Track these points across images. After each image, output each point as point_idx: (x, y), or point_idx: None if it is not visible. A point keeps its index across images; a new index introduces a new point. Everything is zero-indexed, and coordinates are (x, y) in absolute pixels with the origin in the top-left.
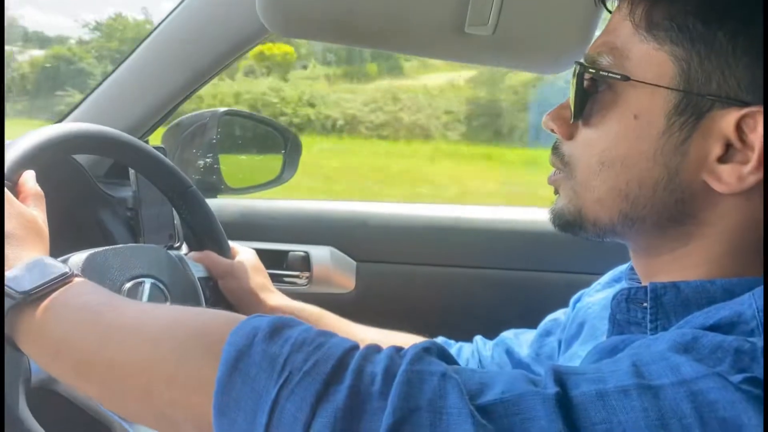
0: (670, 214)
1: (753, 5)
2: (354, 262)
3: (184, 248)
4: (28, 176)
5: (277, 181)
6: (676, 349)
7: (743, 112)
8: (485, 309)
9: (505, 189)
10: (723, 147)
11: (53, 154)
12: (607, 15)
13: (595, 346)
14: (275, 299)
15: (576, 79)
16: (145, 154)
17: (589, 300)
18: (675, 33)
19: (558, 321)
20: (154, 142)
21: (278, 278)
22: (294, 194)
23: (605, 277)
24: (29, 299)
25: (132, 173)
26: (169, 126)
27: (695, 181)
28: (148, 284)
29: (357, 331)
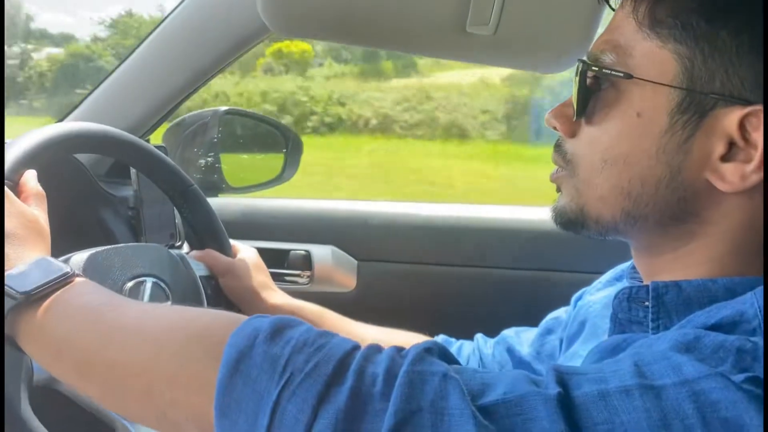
0: (672, 213)
1: (757, 3)
2: (355, 261)
3: (186, 247)
4: (30, 176)
5: (278, 180)
6: (678, 348)
7: (747, 110)
8: (486, 308)
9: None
10: (726, 145)
11: (54, 154)
12: (609, 13)
13: (597, 345)
14: (276, 298)
15: (579, 77)
16: (146, 153)
17: (590, 298)
18: (678, 31)
19: (559, 319)
20: (156, 141)
21: (279, 277)
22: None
23: (606, 275)
24: (30, 299)
25: (133, 172)
26: (170, 125)
27: (698, 179)
28: (149, 283)
29: (358, 329)
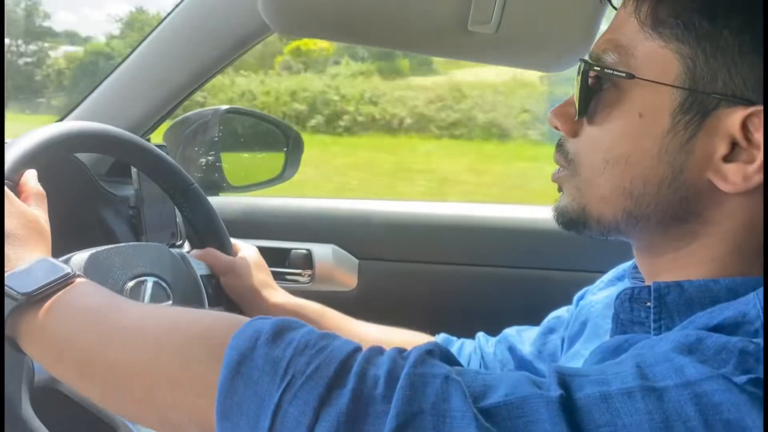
0: (674, 213)
1: (759, 3)
2: (356, 260)
3: (187, 246)
4: (30, 175)
5: (279, 178)
6: (680, 350)
7: (749, 110)
8: (488, 307)
9: None
10: (728, 146)
11: (55, 153)
12: (611, 12)
13: (599, 346)
14: (277, 296)
15: (580, 76)
16: (146, 151)
17: (592, 298)
18: (681, 30)
19: (561, 318)
20: (157, 140)
21: (280, 276)
22: None
23: (608, 274)
24: (31, 300)
25: (134, 171)
26: (171, 124)
27: (700, 179)
28: (150, 283)
29: (359, 328)
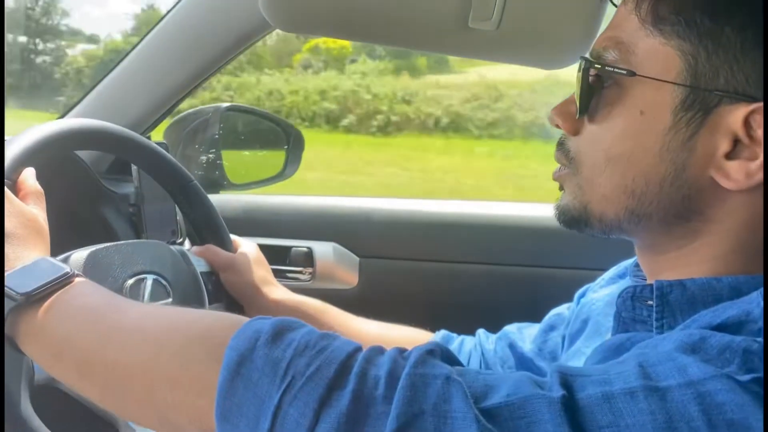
0: (676, 211)
1: (760, 0)
2: (357, 258)
3: (187, 244)
4: (28, 174)
5: (279, 176)
6: (684, 349)
7: (751, 107)
8: (489, 305)
9: None
10: (731, 143)
11: (54, 151)
12: (612, 9)
13: (601, 344)
14: (277, 293)
15: (581, 74)
16: (145, 148)
17: (593, 296)
18: (682, 27)
19: (562, 316)
20: (157, 138)
21: (281, 274)
22: None
23: (609, 272)
24: (31, 300)
25: (134, 169)
26: (171, 122)
27: (702, 177)
28: (150, 280)
29: (359, 325)
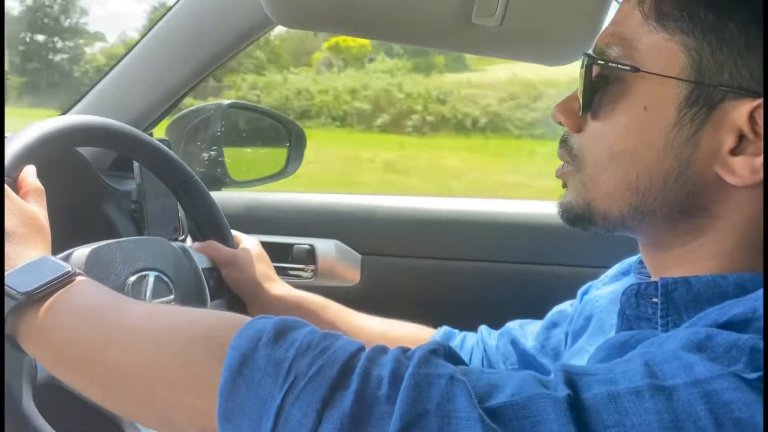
0: (681, 207)
1: None
2: (359, 256)
3: (189, 241)
4: (29, 171)
5: (281, 173)
6: (690, 347)
7: (756, 103)
8: (491, 302)
9: None
10: (735, 139)
11: (55, 147)
12: (615, 5)
13: (605, 342)
14: (279, 288)
15: (584, 70)
16: (146, 145)
17: (596, 293)
18: (685, 23)
19: (565, 313)
20: (159, 135)
21: (283, 271)
22: None
23: (613, 269)
24: (32, 299)
25: (136, 166)
26: (173, 119)
27: (707, 173)
28: (152, 277)
29: (361, 321)
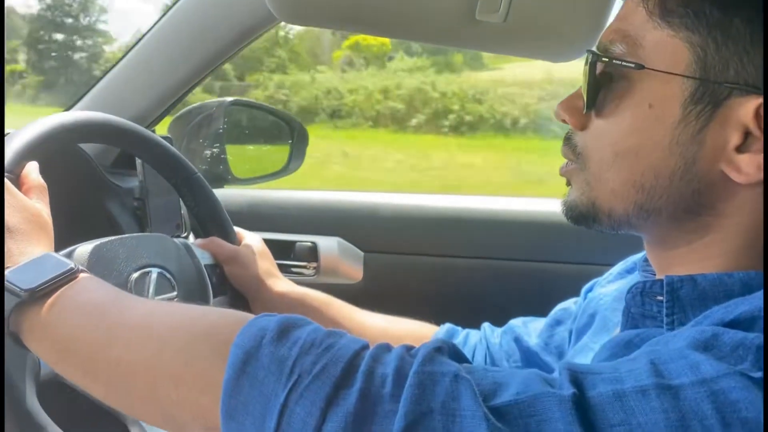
0: (686, 205)
1: None
2: (361, 253)
3: (191, 238)
4: (31, 168)
5: (284, 171)
6: (696, 346)
7: (762, 99)
8: (494, 300)
9: None
10: (741, 136)
11: (58, 144)
12: (620, 2)
13: (609, 340)
14: (281, 285)
15: (588, 67)
16: (148, 141)
17: (601, 291)
18: (690, 19)
19: (569, 310)
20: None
21: (286, 268)
22: None
23: (617, 267)
24: (35, 296)
25: (139, 163)
26: (176, 116)
27: (712, 171)
28: (154, 274)
29: (363, 317)
